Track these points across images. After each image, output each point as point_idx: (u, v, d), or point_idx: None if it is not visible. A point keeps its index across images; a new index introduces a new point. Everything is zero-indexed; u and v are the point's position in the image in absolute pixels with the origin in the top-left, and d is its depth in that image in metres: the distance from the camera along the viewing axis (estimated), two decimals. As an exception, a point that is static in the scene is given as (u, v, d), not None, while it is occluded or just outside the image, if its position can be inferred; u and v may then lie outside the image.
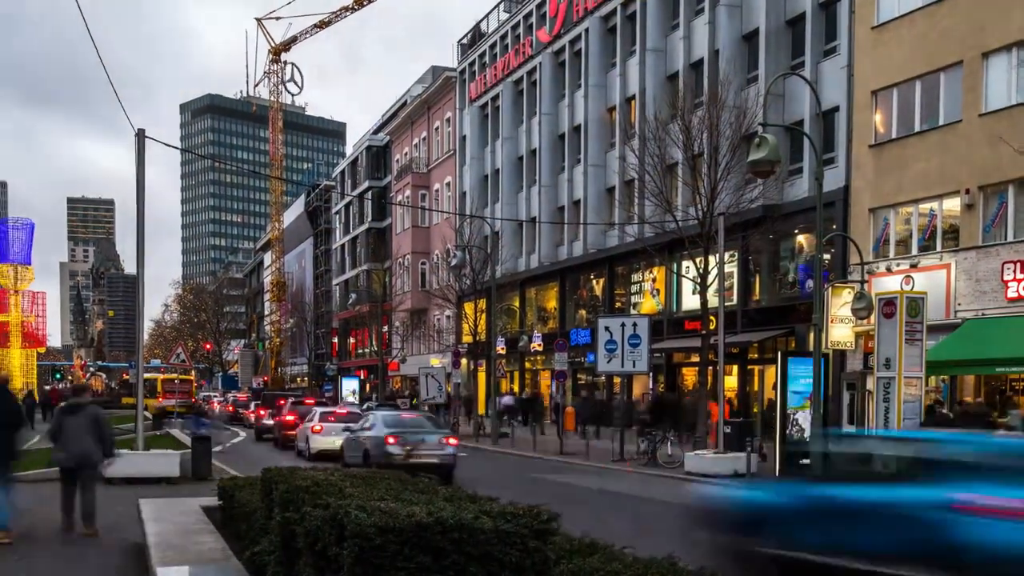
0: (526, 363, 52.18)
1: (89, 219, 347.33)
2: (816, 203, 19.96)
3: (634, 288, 41.86)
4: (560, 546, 6.24)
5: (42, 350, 78.60)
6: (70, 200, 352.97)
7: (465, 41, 61.33)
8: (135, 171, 20.38)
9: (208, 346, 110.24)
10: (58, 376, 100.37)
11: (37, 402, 49.56)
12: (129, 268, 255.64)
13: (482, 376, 47.74)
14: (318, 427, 27.86)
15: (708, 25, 36.26)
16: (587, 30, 44.72)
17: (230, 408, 46.68)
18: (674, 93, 36.20)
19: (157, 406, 46.65)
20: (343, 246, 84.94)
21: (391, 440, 21.38)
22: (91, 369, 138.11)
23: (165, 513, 11.77)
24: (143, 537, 10.61)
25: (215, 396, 78.87)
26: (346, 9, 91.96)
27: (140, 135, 20.40)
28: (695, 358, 33.57)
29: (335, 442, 25.64)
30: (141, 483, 18.37)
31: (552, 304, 49.62)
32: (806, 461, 20.06)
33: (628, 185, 39.44)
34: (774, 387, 25.58)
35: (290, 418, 31.85)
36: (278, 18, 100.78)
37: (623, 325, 28.30)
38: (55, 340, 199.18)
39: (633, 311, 39.53)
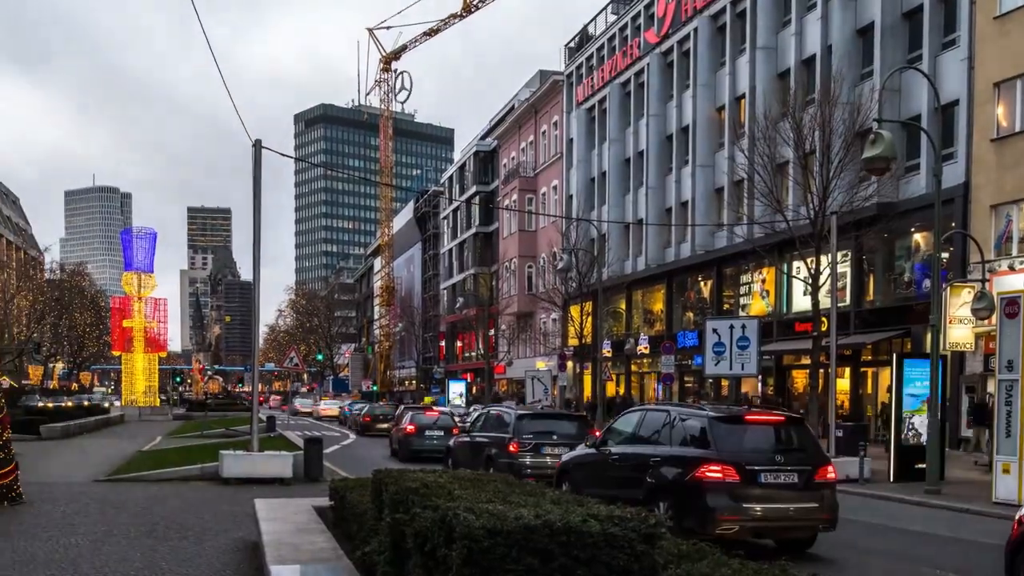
0: (632, 366, 51.79)
1: (208, 228, 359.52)
2: (934, 200, 19.42)
3: (743, 289, 41.20)
4: (668, 550, 6.14)
5: (163, 354, 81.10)
6: (190, 210, 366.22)
7: (572, 44, 61.40)
8: (252, 180, 20.99)
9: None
10: (178, 380, 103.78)
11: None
12: (245, 275, 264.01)
13: (588, 379, 47.58)
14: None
15: (821, 20, 35.58)
16: (696, 29, 44.32)
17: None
18: (785, 91, 35.61)
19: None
20: (451, 250, 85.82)
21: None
22: (208, 372, 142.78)
23: (279, 513, 12.04)
24: (258, 536, 10.91)
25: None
26: (454, 16, 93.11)
27: (257, 145, 20.99)
28: (806, 360, 32.87)
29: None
30: (256, 483, 18.91)
31: (659, 306, 49.14)
32: (922, 466, 19.47)
33: (737, 185, 38.90)
34: (888, 390, 24.78)
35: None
36: (388, 27, 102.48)
37: (731, 327, 27.78)
38: (175, 345, 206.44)
39: (742, 313, 38.91)
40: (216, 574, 10.30)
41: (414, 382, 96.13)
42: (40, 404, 48.24)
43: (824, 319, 27.68)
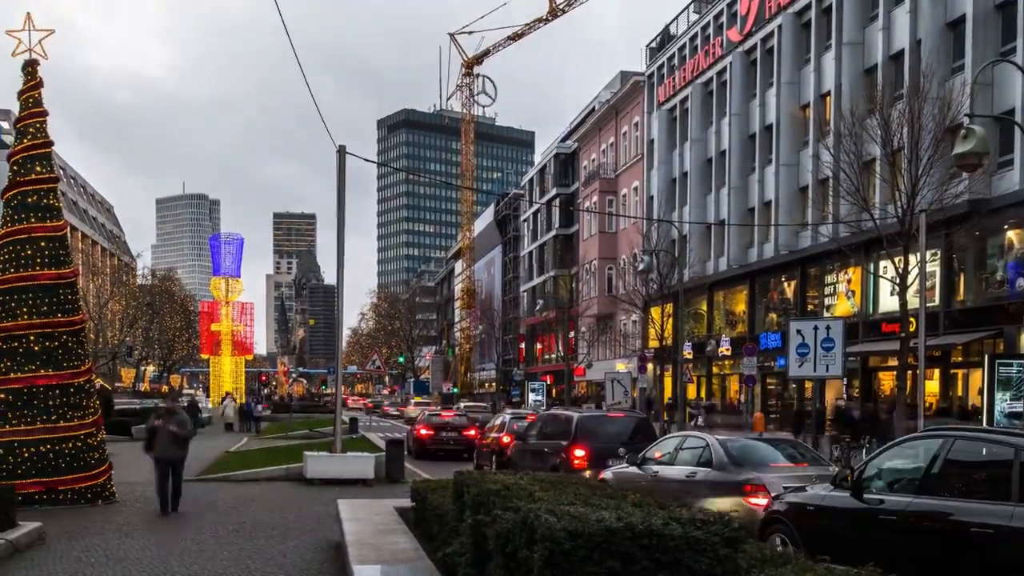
0: (713, 368, 51.19)
1: (292, 233, 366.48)
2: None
3: (827, 290, 40.36)
4: (751, 555, 6.02)
5: (250, 357, 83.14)
6: (275, 215, 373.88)
7: (654, 45, 61.00)
8: (336, 185, 21.28)
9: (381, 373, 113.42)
10: (263, 385, 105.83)
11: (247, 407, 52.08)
12: (328, 279, 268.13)
13: (668, 381, 47.17)
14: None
15: (909, 14, 34.67)
16: (780, 27, 43.61)
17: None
18: (872, 87, 34.85)
19: None
20: (531, 253, 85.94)
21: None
22: (293, 375, 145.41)
23: (361, 513, 12.21)
24: (341, 536, 11.08)
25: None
26: (539, 20, 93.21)
27: (341, 151, 21.31)
28: (893, 362, 32.02)
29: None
30: (338, 484, 19.20)
31: (741, 307, 48.50)
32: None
33: (822, 184, 38.14)
34: (980, 392, 24.01)
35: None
36: (470, 32, 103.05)
37: (816, 328, 27.17)
38: (261, 348, 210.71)
39: (826, 314, 38.06)
40: (301, 573, 10.43)
41: (494, 384, 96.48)
42: (132, 406, 49.57)
43: (912, 320, 26.94)
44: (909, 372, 27.93)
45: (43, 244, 16.12)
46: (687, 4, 56.15)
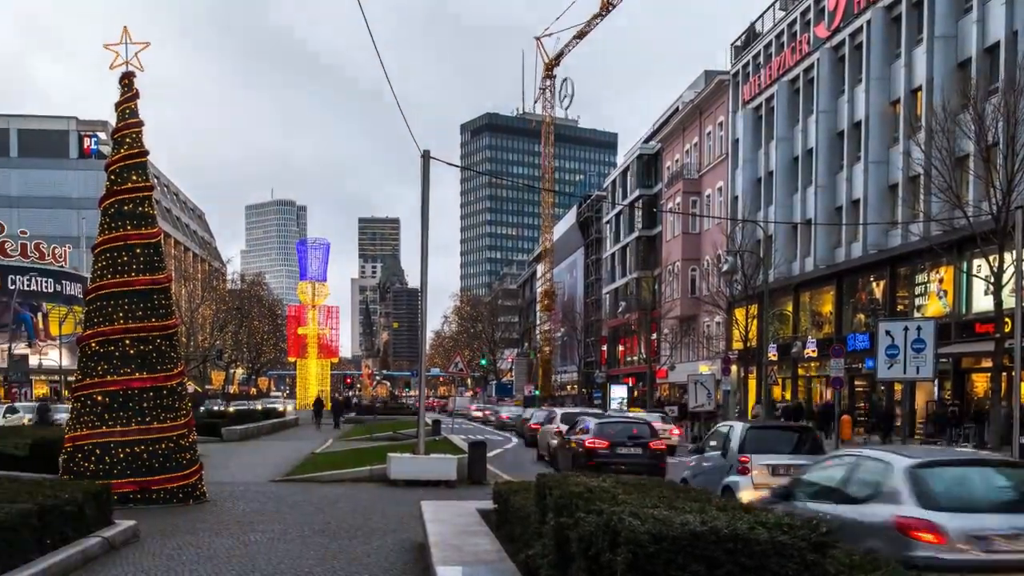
0: (799, 370, 50.28)
1: (377, 237, 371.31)
2: None
3: (918, 290, 39.31)
4: (840, 560, 5.89)
5: (335, 360, 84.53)
6: (361, 220, 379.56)
7: (739, 43, 60.23)
8: (420, 190, 21.48)
9: (463, 372, 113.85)
10: (348, 386, 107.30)
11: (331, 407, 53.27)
12: (412, 282, 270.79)
13: (752, 383, 46.45)
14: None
15: (1005, 5, 33.66)
16: (869, 21, 42.66)
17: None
18: (965, 81, 34.01)
19: None
20: (613, 255, 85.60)
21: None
22: (377, 377, 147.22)
23: (444, 514, 12.32)
24: (424, 537, 11.22)
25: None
26: (596, 16, 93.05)
27: (425, 156, 21.48)
28: (987, 363, 31.09)
29: None
30: (421, 485, 19.34)
31: (828, 308, 47.59)
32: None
33: (913, 181, 37.34)
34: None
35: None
36: (550, 34, 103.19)
37: (906, 329, 26.49)
38: (346, 351, 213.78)
39: (917, 314, 37.10)
40: (384, 573, 10.53)
41: (576, 386, 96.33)
42: (221, 408, 50.77)
43: (1007, 319, 26.15)
44: (1004, 374, 26.99)
45: (138, 251, 16.52)
46: (773, 1, 55.31)
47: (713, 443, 17.07)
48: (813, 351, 45.19)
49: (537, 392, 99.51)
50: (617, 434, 22.66)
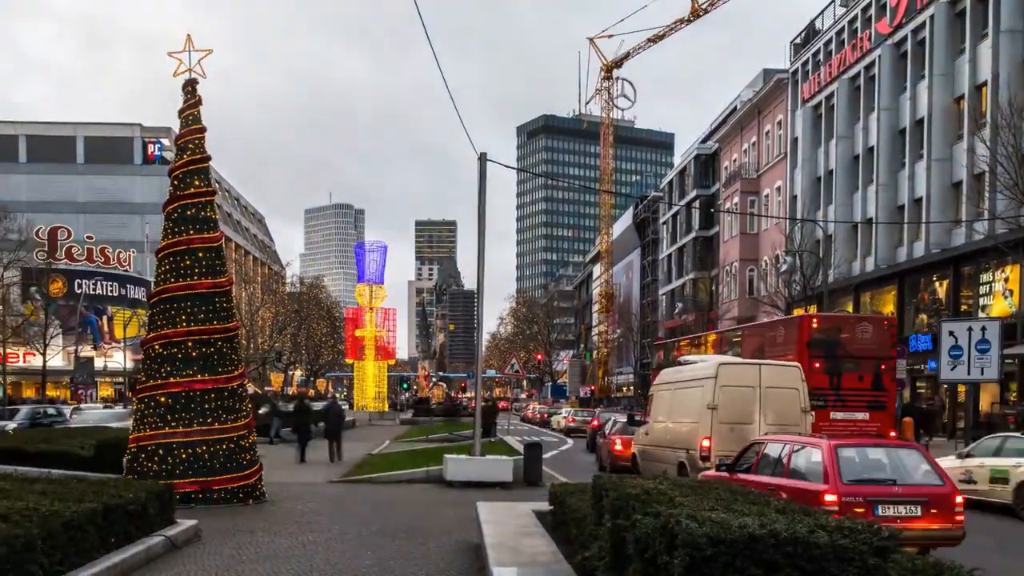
0: (861, 371, 49.40)
1: (434, 240, 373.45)
2: None
3: (983, 289, 38.47)
4: (901, 565, 5.80)
5: (392, 362, 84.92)
6: (418, 223, 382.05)
7: (798, 41, 59.49)
8: (477, 192, 21.51)
9: (539, 356, 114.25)
10: (405, 386, 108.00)
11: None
12: (469, 284, 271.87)
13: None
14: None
15: (1073, -2, 32.76)
16: (932, 17, 41.87)
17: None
18: (1032, 76, 33.07)
19: None
20: (670, 256, 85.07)
21: None
22: (433, 379, 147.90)
23: (500, 516, 12.38)
24: (480, 538, 11.29)
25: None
26: (681, 21, 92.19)
27: (482, 158, 21.54)
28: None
29: None
30: (477, 486, 19.47)
31: (889, 308, 46.74)
32: None
33: (977, 179, 36.59)
34: None
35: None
36: (610, 36, 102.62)
37: (970, 329, 26.04)
38: (403, 353, 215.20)
39: (981, 314, 36.32)
40: (441, 574, 10.57)
41: (631, 388, 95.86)
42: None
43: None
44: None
45: (201, 255, 16.79)
46: (832, -2, 54.59)
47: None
48: (875, 352, 44.41)
49: (592, 394, 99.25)
50: None
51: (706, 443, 17.59)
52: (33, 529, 8.15)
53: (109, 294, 71.67)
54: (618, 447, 25.20)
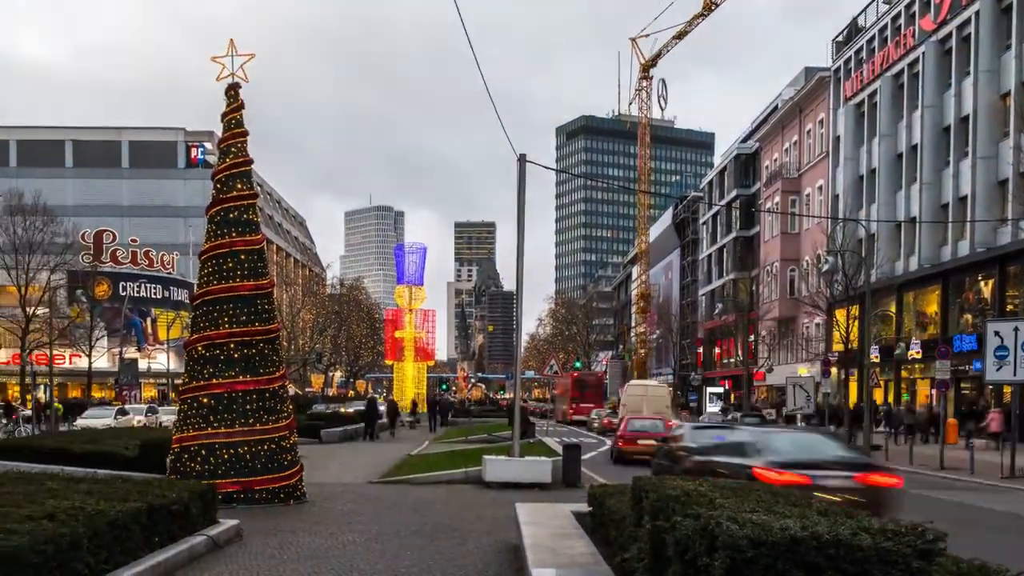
0: (902, 372, 48.94)
1: (473, 241, 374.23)
2: None
3: (1030, 289, 37.91)
4: (946, 568, 5.68)
5: (431, 363, 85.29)
6: (457, 224, 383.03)
7: (840, 39, 58.92)
8: (516, 194, 21.52)
9: (574, 375, 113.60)
10: (444, 387, 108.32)
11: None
12: (508, 285, 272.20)
13: (853, 386, 45.33)
14: None
15: (1122, -8, 32.11)
16: (977, 12, 41.35)
17: None
18: (1080, 71, 32.45)
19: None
20: (709, 256, 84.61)
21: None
22: (472, 380, 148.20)
23: (539, 517, 12.31)
24: (519, 539, 11.25)
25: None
26: (698, 16, 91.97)
27: (521, 160, 21.54)
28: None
29: None
30: (516, 487, 19.41)
31: (932, 309, 46.21)
32: None
33: (1023, 176, 35.91)
34: None
35: None
36: (647, 35, 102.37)
37: (1016, 329, 25.64)
38: (442, 354, 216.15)
39: (1029, 315, 35.74)
40: (480, 574, 10.58)
41: (671, 389, 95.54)
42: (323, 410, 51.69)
43: None
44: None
45: (243, 257, 16.91)
46: (876, -5, 54.03)
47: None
48: (917, 353, 43.92)
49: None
50: None
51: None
52: (79, 528, 8.27)
53: (153, 296, 72.67)
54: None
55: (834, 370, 47.05)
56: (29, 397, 51.33)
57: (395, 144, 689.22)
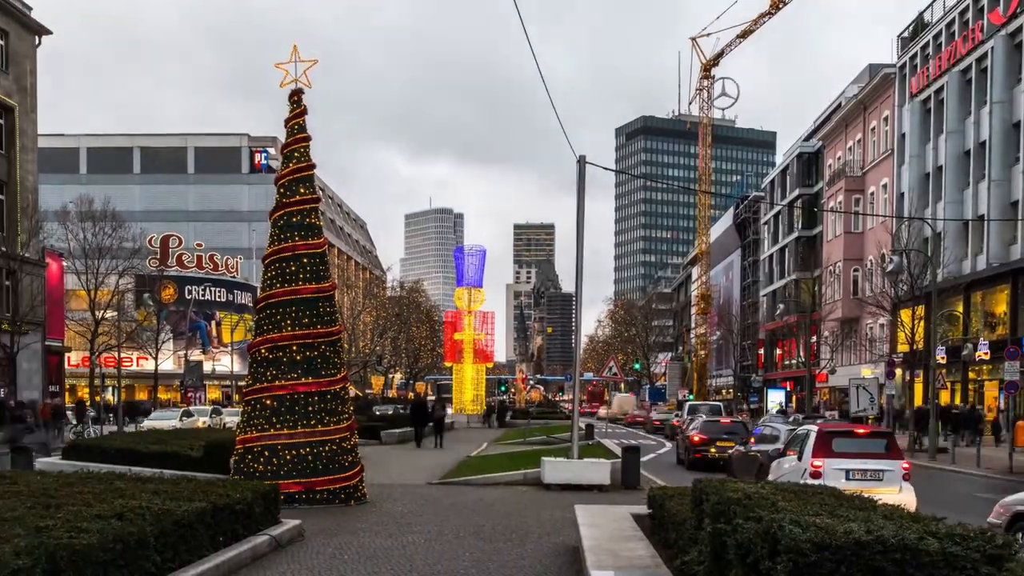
0: (969, 373, 47.86)
1: (532, 243, 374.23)
2: None
3: (1104, 288, 36.84)
4: (1016, 574, 5.61)
5: (490, 365, 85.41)
6: (516, 226, 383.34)
7: (906, 34, 57.87)
8: (576, 195, 21.52)
9: (619, 378, 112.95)
10: (503, 388, 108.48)
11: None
12: (567, 287, 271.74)
13: (918, 388, 44.47)
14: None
15: None
16: (1048, 4, 40.36)
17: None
18: None
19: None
20: (771, 256, 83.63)
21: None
22: (531, 382, 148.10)
23: (598, 519, 12.32)
24: (578, 541, 11.26)
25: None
26: (764, 15, 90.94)
27: (581, 161, 21.50)
28: None
29: None
30: (574, 489, 19.40)
31: (1001, 308, 45.13)
32: None
33: (1097, 173, 34.96)
34: None
35: None
36: (708, 34, 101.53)
37: (1091, 330, 24.93)
38: (500, 356, 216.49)
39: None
40: (538, 576, 10.60)
41: (731, 391, 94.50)
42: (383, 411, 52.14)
43: None
44: None
45: (305, 260, 17.14)
46: (942, -11, 53.00)
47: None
48: (985, 353, 42.89)
49: (691, 396, 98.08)
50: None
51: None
52: (146, 527, 8.47)
53: (217, 300, 73.94)
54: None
55: (899, 371, 46.18)
56: (98, 398, 52.59)
57: (457, 143, 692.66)
